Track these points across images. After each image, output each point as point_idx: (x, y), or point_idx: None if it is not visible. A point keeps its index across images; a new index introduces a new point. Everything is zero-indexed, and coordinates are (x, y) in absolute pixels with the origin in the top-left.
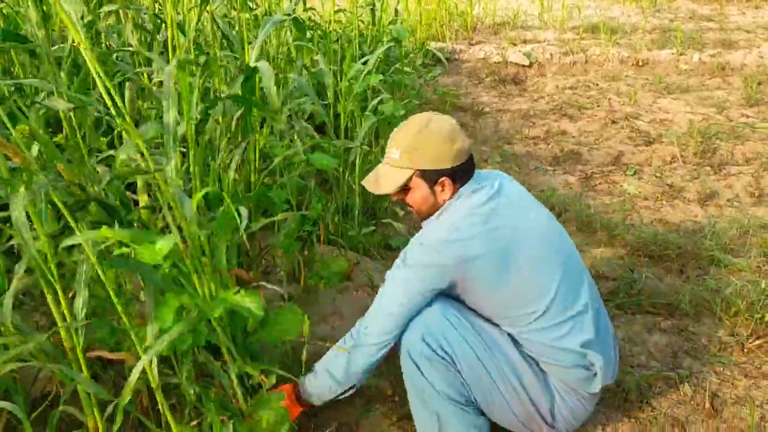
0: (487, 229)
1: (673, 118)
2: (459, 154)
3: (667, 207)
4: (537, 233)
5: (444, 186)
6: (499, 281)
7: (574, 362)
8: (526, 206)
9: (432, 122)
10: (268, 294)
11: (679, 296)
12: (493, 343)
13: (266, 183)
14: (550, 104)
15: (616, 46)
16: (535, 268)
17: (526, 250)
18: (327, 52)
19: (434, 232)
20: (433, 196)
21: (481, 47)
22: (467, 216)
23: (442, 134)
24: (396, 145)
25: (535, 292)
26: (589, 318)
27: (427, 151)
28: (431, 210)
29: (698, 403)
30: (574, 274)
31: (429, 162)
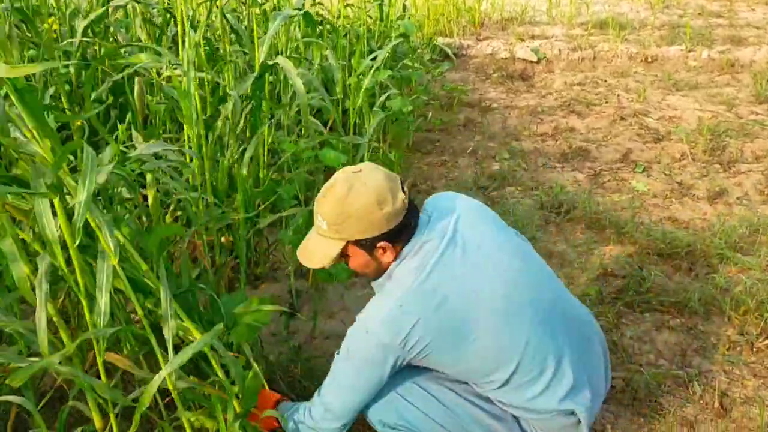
0: (436, 305)
1: (682, 115)
2: (392, 217)
3: (677, 205)
4: (496, 293)
5: (385, 250)
6: (457, 355)
7: (553, 414)
8: (487, 256)
9: (355, 187)
10: (276, 290)
11: (688, 294)
12: (459, 406)
13: (274, 179)
14: (558, 100)
15: (624, 42)
16: (497, 332)
17: (485, 317)
18: (336, 47)
19: (378, 314)
20: (375, 260)
21: (488, 43)
22: (410, 292)
23: (368, 199)
24: (321, 215)
25: (499, 359)
26: (567, 364)
27: (355, 219)
28: (378, 273)
29: (707, 402)
30: (545, 321)
31: (360, 231)
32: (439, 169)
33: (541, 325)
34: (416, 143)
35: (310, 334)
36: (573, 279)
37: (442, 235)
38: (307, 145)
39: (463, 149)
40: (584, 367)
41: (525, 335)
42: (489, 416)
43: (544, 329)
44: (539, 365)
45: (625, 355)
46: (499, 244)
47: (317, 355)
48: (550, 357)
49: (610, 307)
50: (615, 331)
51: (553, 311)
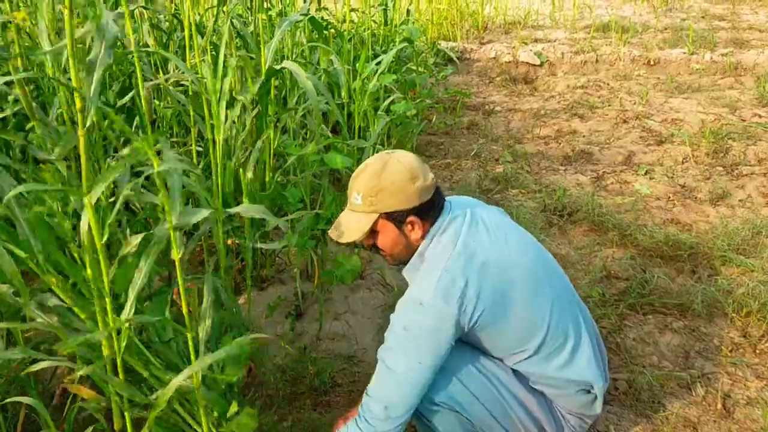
0: (479, 267)
1: (685, 118)
2: (423, 192)
3: (679, 207)
4: (522, 263)
5: (414, 225)
6: (503, 320)
7: (576, 388)
8: (506, 234)
9: (390, 163)
10: (282, 292)
11: (691, 296)
12: (498, 381)
13: (280, 182)
14: (561, 103)
15: (627, 45)
16: (527, 301)
17: (518, 283)
18: (341, 51)
19: (426, 287)
20: (404, 237)
21: (492, 46)
22: (451, 258)
23: (402, 174)
24: (356, 190)
25: (533, 325)
26: (584, 336)
27: (389, 192)
28: (405, 252)
29: (710, 403)
30: (565, 299)
31: (393, 204)
32: (443, 172)
33: (559, 298)
34: (420, 146)
35: (316, 335)
36: (576, 281)
37: (464, 216)
38: (313, 149)
39: (467, 152)
40: (597, 344)
41: (549, 303)
42: (526, 392)
43: (562, 302)
44: (563, 334)
45: (628, 357)
46: (514, 228)
47: (323, 356)
48: (570, 327)
49: (613, 309)
50: (618, 332)
51: (571, 296)
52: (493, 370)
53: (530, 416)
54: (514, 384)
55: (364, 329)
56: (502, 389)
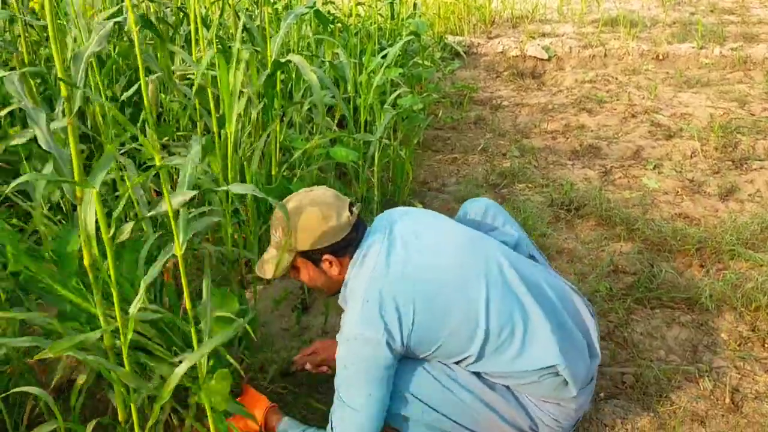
0: (397, 277)
1: (694, 113)
2: (336, 231)
3: (688, 202)
4: (444, 266)
5: (331, 263)
6: (430, 329)
7: (540, 375)
8: (426, 237)
9: (304, 203)
10: (287, 285)
11: (699, 291)
12: (453, 385)
13: (286, 176)
14: (568, 98)
15: (635, 39)
16: (457, 303)
17: (441, 289)
18: (347, 45)
19: (350, 321)
20: (323, 273)
21: (499, 41)
22: (367, 286)
23: (315, 214)
24: (274, 228)
25: (469, 329)
26: (540, 324)
27: (302, 232)
28: (327, 286)
29: (718, 397)
30: (502, 288)
31: (306, 244)
32: (449, 167)
33: (495, 289)
34: (427, 141)
35: (321, 328)
36: (583, 276)
37: (382, 238)
38: (317, 142)
39: (474, 147)
40: (561, 335)
41: (484, 299)
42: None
43: (499, 293)
44: (508, 325)
45: (636, 351)
46: (436, 229)
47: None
48: (516, 316)
49: (621, 303)
50: (625, 327)
51: (506, 274)
52: (445, 374)
53: (497, 413)
54: (471, 383)
55: None
56: (460, 392)
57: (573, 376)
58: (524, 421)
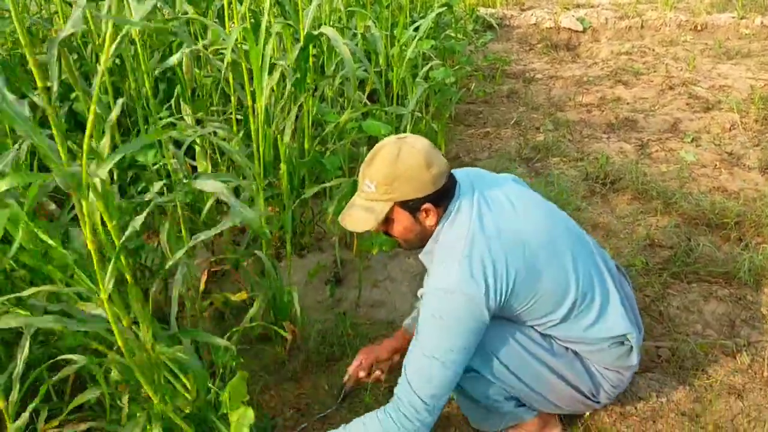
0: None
1: (733, 84)
2: (438, 178)
3: (726, 175)
4: (537, 231)
5: (428, 212)
6: (525, 291)
7: (609, 343)
8: (515, 205)
9: (404, 149)
10: (321, 259)
11: (738, 265)
12: (527, 347)
13: (319, 150)
14: (604, 70)
15: (673, 9)
16: (551, 268)
17: (537, 252)
18: (379, 17)
19: (449, 274)
20: (418, 224)
21: (532, 12)
22: (468, 241)
23: (417, 161)
24: (369, 178)
25: (560, 293)
26: (614, 294)
27: (404, 180)
28: (419, 238)
29: (756, 371)
30: (585, 257)
31: (408, 192)
32: (481, 141)
33: (581, 255)
34: (459, 115)
35: (355, 302)
36: (619, 250)
37: (472, 196)
38: (351, 116)
39: (507, 120)
40: (627, 308)
41: (572, 265)
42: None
43: (584, 261)
44: (590, 293)
45: (672, 325)
46: (519, 195)
47: (362, 322)
48: (596, 284)
49: (657, 278)
50: (661, 301)
51: (586, 244)
52: (522, 335)
53: (563, 378)
54: (544, 347)
55: (402, 296)
56: (533, 354)
57: (637, 346)
58: (586, 387)
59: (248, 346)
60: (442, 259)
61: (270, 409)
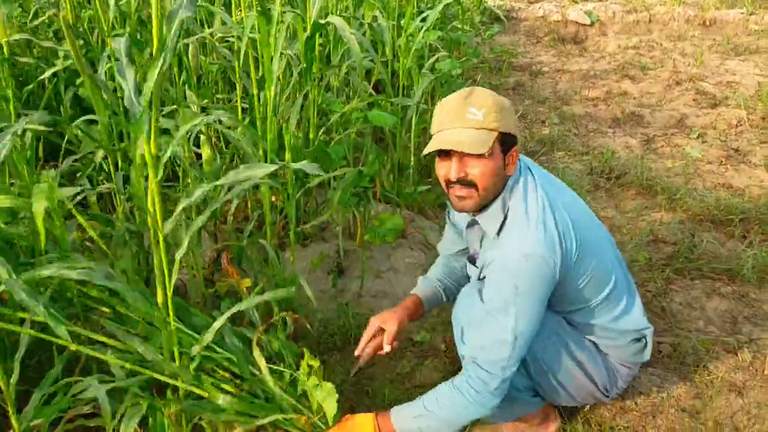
0: (566, 219)
1: (741, 81)
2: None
3: (732, 171)
4: (588, 218)
5: (513, 157)
6: (583, 269)
7: (630, 338)
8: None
9: (488, 90)
10: (324, 249)
11: (741, 262)
12: (552, 333)
13: (324, 139)
14: (611, 64)
15: (682, 4)
16: (599, 252)
17: (592, 236)
18: (386, 7)
19: (528, 241)
20: (503, 168)
21: (540, 5)
22: (545, 211)
23: (506, 101)
24: (477, 106)
25: (603, 278)
26: (635, 290)
27: (508, 113)
28: (498, 186)
29: (757, 369)
30: (614, 248)
31: (511, 125)
32: None
33: (612, 244)
34: None
35: (357, 292)
36: (622, 245)
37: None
38: (355, 105)
39: None
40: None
41: (612, 253)
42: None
43: (616, 252)
44: (622, 284)
45: (674, 321)
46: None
47: (364, 312)
48: (624, 278)
49: (660, 273)
50: (664, 296)
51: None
52: (553, 325)
53: (585, 372)
54: (573, 340)
55: (405, 287)
56: (564, 348)
57: (651, 341)
58: (602, 382)
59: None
60: (516, 226)
61: None
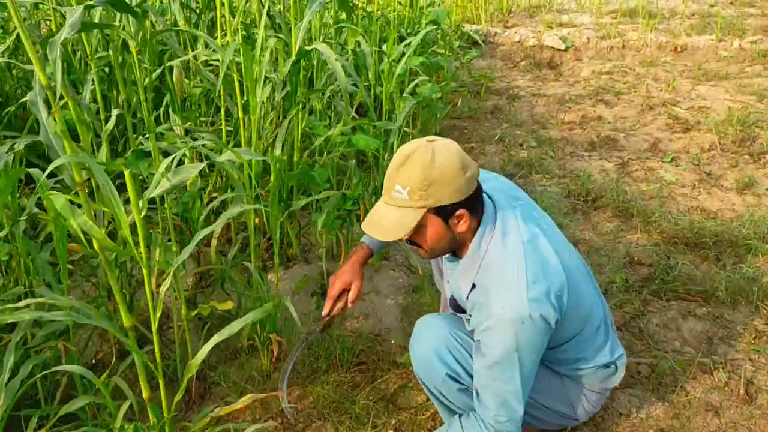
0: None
1: (712, 105)
2: (472, 181)
3: (705, 195)
4: (570, 250)
5: (462, 218)
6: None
7: (601, 367)
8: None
9: (438, 151)
10: (307, 271)
11: (715, 284)
12: None
13: (307, 163)
14: (586, 89)
15: (654, 31)
16: (583, 292)
17: (576, 276)
18: (369, 34)
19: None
20: (450, 231)
21: (516, 30)
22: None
23: (454, 163)
24: (401, 183)
25: (585, 318)
26: (610, 319)
27: (441, 184)
28: (450, 245)
29: (732, 389)
30: (590, 280)
31: (444, 197)
32: None
33: (591, 277)
34: (444, 130)
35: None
36: (600, 267)
37: (513, 209)
38: (340, 130)
39: (491, 137)
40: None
41: (591, 284)
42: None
43: (592, 280)
44: (602, 315)
45: (651, 342)
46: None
47: (348, 334)
48: (600, 309)
49: (636, 295)
50: (641, 317)
51: (586, 264)
52: None
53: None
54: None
55: (388, 309)
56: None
57: (624, 367)
58: (568, 407)
59: (233, 358)
60: (503, 282)
61: (255, 421)
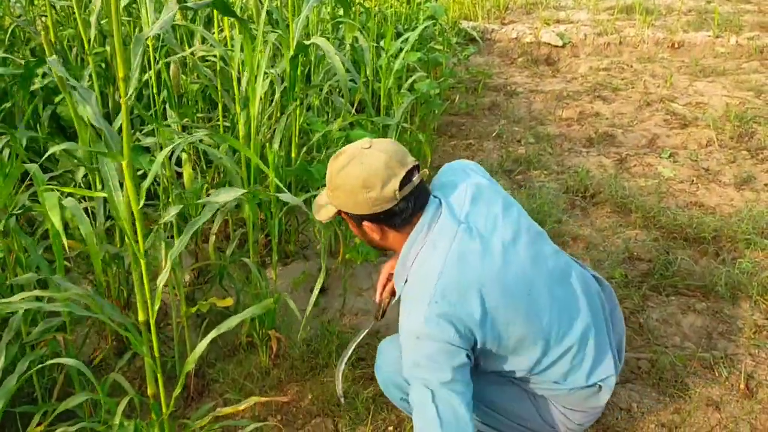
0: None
1: (709, 101)
2: (376, 203)
3: (703, 190)
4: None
5: (369, 230)
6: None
7: (574, 389)
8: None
9: (353, 162)
10: (306, 267)
11: (715, 279)
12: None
13: (305, 159)
14: (583, 85)
15: (651, 27)
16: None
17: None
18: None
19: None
20: (364, 234)
21: (513, 27)
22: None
23: (356, 180)
24: (327, 179)
25: (528, 345)
26: (590, 338)
27: (342, 194)
28: (372, 244)
29: (733, 384)
30: (569, 300)
31: (344, 205)
32: (464, 153)
33: (562, 301)
34: (442, 127)
35: (339, 310)
36: (599, 262)
37: (456, 226)
38: (339, 125)
39: (489, 133)
40: (605, 346)
41: (548, 312)
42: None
43: (566, 303)
44: (566, 341)
45: (651, 337)
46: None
47: (346, 330)
48: (577, 329)
49: (636, 290)
50: (640, 313)
51: (568, 286)
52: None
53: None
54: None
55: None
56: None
57: (611, 388)
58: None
59: (232, 354)
60: (411, 299)
61: (254, 418)
